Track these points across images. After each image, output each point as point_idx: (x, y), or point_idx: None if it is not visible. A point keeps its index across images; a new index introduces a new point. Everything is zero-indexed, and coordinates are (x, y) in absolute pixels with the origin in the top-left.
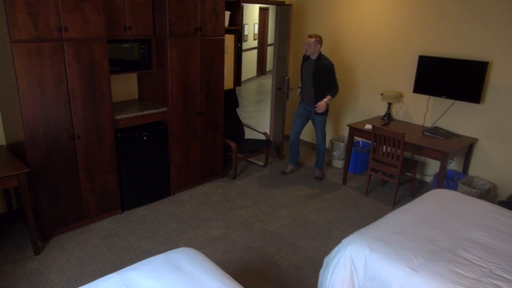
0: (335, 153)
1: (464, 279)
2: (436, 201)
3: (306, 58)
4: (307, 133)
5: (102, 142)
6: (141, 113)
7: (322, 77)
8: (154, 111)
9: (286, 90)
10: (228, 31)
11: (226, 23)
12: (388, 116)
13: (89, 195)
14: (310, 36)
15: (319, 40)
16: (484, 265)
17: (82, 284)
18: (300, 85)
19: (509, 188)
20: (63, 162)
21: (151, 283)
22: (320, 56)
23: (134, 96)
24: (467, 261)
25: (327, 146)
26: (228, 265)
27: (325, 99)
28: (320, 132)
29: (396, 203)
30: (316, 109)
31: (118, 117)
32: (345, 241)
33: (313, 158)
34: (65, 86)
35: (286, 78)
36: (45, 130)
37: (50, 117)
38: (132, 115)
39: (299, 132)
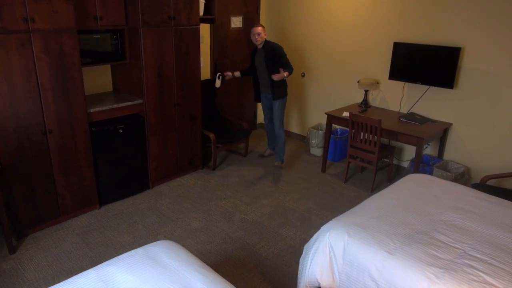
0: (313, 141)
1: (438, 260)
2: (412, 186)
3: (254, 50)
4: (294, 125)
5: (76, 136)
6: (116, 105)
7: (273, 61)
8: (130, 103)
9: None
10: (203, 20)
11: (201, 12)
12: (365, 103)
13: (65, 191)
14: (257, 26)
15: (265, 29)
16: (458, 246)
17: (60, 281)
18: (233, 73)
19: (482, 170)
20: (36, 157)
21: (128, 277)
22: (267, 43)
23: (108, 88)
24: (442, 243)
25: (305, 135)
26: (209, 256)
27: (281, 73)
28: (279, 118)
29: (374, 189)
30: (274, 77)
31: (92, 110)
32: (323, 228)
33: (296, 148)
34: (34, 79)
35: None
36: (16, 126)
37: (20, 112)
38: (107, 107)
39: (271, 118)
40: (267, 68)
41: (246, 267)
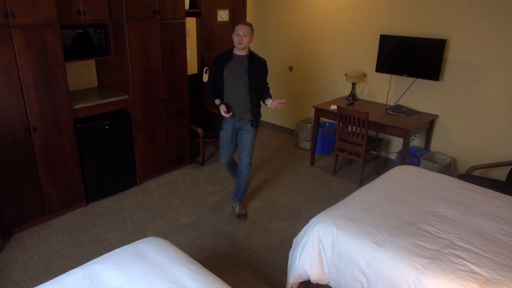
0: (302, 134)
1: (426, 251)
2: (399, 178)
3: (227, 56)
4: (282, 119)
5: (61, 133)
6: (101, 101)
7: (259, 77)
8: (115, 99)
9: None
10: (189, 14)
11: (187, 6)
12: (352, 96)
13: (50, 189)
14: (245, 24)
15: (253, 29)
16: (445, 236)
17: (47, 281)
18: (220, 101)
19: (468, 161)
20: (20, 156)
21: (116, 275)
22: (251, 51)
23: (93, 84)
24: (429, 234)
25: (294, 129)
26: (198, 252)
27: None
28: (250, 151)
29: (362, 181)
30: (273, 104)
31: (76, 107)
32: (312, 221)
33: (284, 142)
34: (16, 76)
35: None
36: None
37: (2, 109)
38: (92, 104)
39: (232, 154)
40: (249, 85)
41: (236, 261)
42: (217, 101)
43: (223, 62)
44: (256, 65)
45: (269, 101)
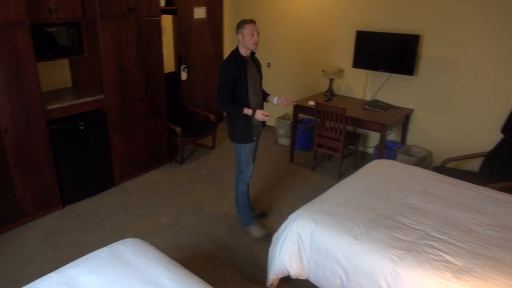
0: (281, 131)
1: (401, 242)
2: (375, 171)
3: (242, 61)
4: None
5: (33, 135)
6: (75, 101)
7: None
8: (90, 98)
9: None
10: (165, 11)
11: (162, 3)
12: (330, 91)
13: (24, 192)
14: (254, 22)
15: None
16: (420, 228)
17: (22, 286)
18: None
19: (442, 154)
20: None
21: (93, 278)
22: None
23: (67, 84)
24: (404, 226)
25: (273, 125)
26: (179, 252)
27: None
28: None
29: (341, 176)
30: (284, 101)
31: (50, 107)
32: (291, 217)
33: (264, 139)
34: None
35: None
36: None
37: None
38: (66, 104)
39: None
40: (261, 86)
41: (217, 260)
42: (249, 111)
43: (243, 69)
44: (259, 62)
45: (274, 98)
